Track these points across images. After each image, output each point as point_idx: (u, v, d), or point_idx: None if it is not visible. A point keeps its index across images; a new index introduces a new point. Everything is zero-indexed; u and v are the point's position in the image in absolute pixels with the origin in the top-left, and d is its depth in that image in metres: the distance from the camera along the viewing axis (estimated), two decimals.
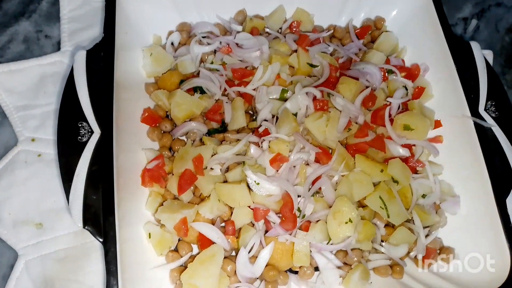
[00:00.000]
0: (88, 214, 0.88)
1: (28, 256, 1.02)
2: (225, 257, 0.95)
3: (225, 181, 1.00)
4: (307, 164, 1.01)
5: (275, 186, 0.95)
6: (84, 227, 0.87)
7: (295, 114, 1.06)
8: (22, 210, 1.05)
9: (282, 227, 0.94)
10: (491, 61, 1.29)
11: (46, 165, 1.09)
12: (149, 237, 0.95)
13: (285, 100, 1.07)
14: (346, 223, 0.93)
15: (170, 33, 1.18)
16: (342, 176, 1.00)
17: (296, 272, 0.99)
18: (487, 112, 1.04)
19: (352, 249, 0.97)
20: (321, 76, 1.11)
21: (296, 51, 1.14)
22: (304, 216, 0.96)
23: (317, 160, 1.01)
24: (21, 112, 1.15)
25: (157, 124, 1.08)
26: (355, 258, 0.96)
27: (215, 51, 1.15)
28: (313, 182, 0.98)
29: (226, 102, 1.09)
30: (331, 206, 0.96)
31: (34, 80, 1.18)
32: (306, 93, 1.06)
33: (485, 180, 0.96)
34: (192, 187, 1.00)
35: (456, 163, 1.06)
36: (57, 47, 1.24)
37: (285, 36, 1.17)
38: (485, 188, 0.96)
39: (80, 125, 0.94)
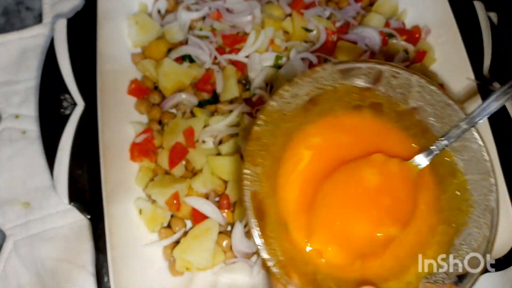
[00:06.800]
0: (74, 189, 0.84)
1: (16, 236, 0.98)
2: (220, 232, 0.91)
3: (218, 154, 0.95)
4: None
5: None
6: (70, 203, 0.83)
7: None
8: (8, 190, 1.01)
9: None
10: (496, 23, 1.22)
11: (31, 142, 1.04)
12: (140, 213, 0.91)
13: (280, 67, 1.02)
14: None
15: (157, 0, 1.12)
16: None
17: None
18: (492, 75, 0.99)
19: None
20: (317, 41, 1.05)
21: (290, 15, 1.08)
22: None
23: None
24: (3, 88, 1.09)
25: (145, 96, 1.03)
26: None
27: (204, 17, 1.08)
28: None
29: (217, 71, 1.03)
30: None
31: (16, 54, 1.12)
32: (302, 59, 1.01)
33: (492, 145, 0.91)
34: (183, 161, 0.95)
35: None
36: (39, 19, 1.18)
37: (278, 0, 1.11)
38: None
39: (62, 98, 0.90)
